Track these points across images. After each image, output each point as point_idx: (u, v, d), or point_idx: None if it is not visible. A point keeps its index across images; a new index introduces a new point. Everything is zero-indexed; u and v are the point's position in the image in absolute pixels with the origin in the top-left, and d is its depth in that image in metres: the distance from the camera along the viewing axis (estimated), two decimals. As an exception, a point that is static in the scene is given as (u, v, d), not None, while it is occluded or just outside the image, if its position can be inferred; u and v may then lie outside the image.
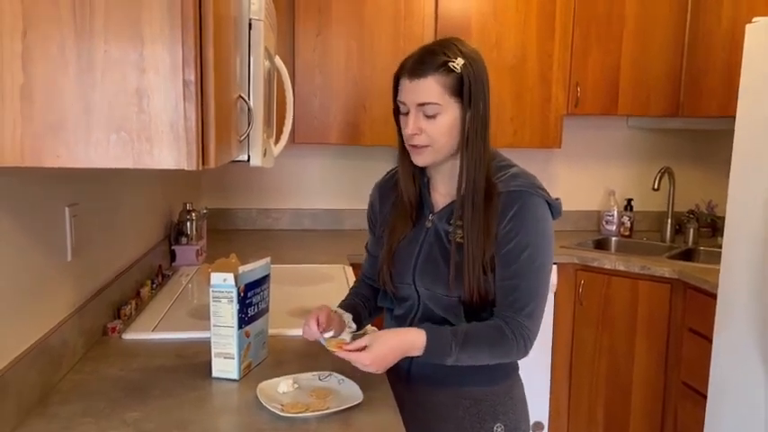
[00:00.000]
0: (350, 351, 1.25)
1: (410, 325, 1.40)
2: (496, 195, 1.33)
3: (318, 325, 1.34)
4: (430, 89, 1.28)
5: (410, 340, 1.27)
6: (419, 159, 1.36)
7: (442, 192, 1.43)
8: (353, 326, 1.45)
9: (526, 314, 1.31)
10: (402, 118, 1.36)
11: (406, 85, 1.31)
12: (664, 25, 3.13)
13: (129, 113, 1.02)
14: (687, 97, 3.14)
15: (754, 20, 2.09)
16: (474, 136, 1.32)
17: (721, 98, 2.86)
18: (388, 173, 1.59)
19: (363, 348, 1.25)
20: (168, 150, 1.04)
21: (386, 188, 1.55)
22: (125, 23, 1.00)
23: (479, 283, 1.32)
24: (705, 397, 2.33)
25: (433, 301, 1.39)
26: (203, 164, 1.07)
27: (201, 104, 1.04)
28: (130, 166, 1.04)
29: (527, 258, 1.31)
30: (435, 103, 1.29)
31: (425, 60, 1.29)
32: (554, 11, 3.03)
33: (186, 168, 1.04)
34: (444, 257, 1.37)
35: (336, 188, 3.45)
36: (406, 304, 1.45)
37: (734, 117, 2.19)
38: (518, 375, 1.49)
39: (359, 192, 3.42)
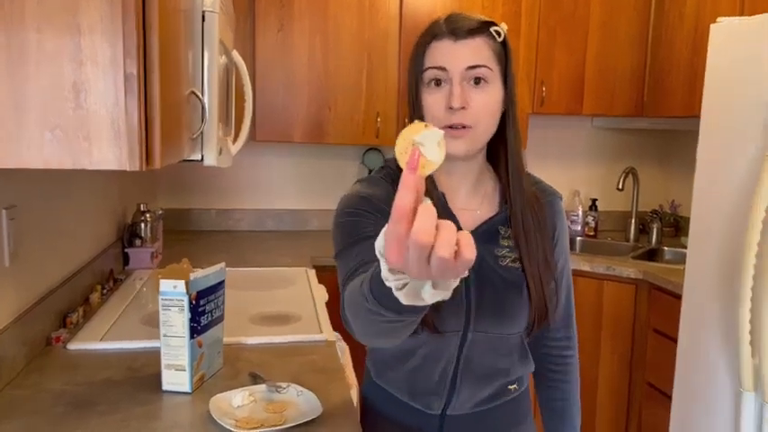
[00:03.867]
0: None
1: (452, 380, 1.14)
2: (544, 204, 1.17)
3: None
4: (481, 50, 1.04)
5: None
6: (455, 146, 1.04)
7: (467, 206, 1.14)
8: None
9: (574, 325, 1.27)
10: (430, 96, 1.06)
11: (448, 47, 1.04)
12: (627, 25, 3.13)
13: (65, 109, 0.94)
14: (651, 97, 3.14)
15: (718, 20, 2.08)
16: (514, 120, 1.11)
17: (684, 98, 2.87)
18: (360, 182, 1.16)
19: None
20: (109, 149, 0.96)
21: (377, 200, 1.08)
22: (60, 11, 0.91)
23: (548, 308, 1.13)
24: (670, 398, 2.33)
25: (490, 346, 1.14)
26: (147, 164, 0.99)
27: (145, 100, 0.97)
28: (68, 166, 0.96)
29: (569, 267, 1.24)
30: (487, 67, 1.04)
31: (469, 19, 1.06)
32: (520, 9, 3.00)
33: (128, 169, 0.97)
34: (507, 289, 1.10)
35: (300, 188, 3.37)
36: (440, 357, 1.14)
37: (697, 117, 2.18)
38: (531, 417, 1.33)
39: (324, 191, 3.36)
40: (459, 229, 0.62)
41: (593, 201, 3.50)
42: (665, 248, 3.18)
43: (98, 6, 0.92)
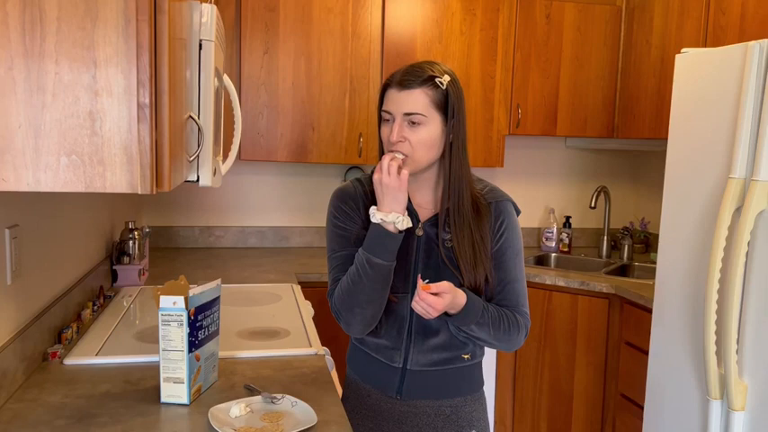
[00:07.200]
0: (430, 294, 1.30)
1: (407, 336, 1.46)
2: (486, 206, 1.45)
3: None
4: (417, 100, 1.36)
5: (458, 300, 1.35)
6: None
7: (423, 202, 1.48)
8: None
9: (526, 313, 1.48)
10: (384, 128, 1.42)
11: (395, 95, 1.38)
12: (599, 53, 3.28)
13: (80, 136, 1.00)
14: (621, 120, 3.29)
15: (683, 50, 2.22)
16: (456, 147, 1.41)
17: (652, 121, 3.01)
18: (353, 180, 1.54)
19: (437, 294, 1.31)
20: (122, 174, 1.03)
21: (348, 196, 1.50)
22: (77, 45, 0.98)
23: (478, 287, 1.42)
24: (642, 407, 2.43)
25: None
26: (158, 186, 1.06)
27: (156, 127, 1.04)
28: (82, 189, 1.02)
29: (519, 262, 1.48)
30: (421, 114, 1.36)
31: (415, 74, 1.37)
32: (496, 35, 3.13)
33: (140, 192, 1.03)
34: (446, 262, 1.42)
35: (282, 205, 3.43)
36: (396, 317, 1.45)
37: (664, 139, 2.30)
38: (483, 388, 1.59)
39: (305, 209, 3.42)
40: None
41: (567, 218, 3.62)
42: (636, 264, 3.31)
43: (114, 41, 0.99)
